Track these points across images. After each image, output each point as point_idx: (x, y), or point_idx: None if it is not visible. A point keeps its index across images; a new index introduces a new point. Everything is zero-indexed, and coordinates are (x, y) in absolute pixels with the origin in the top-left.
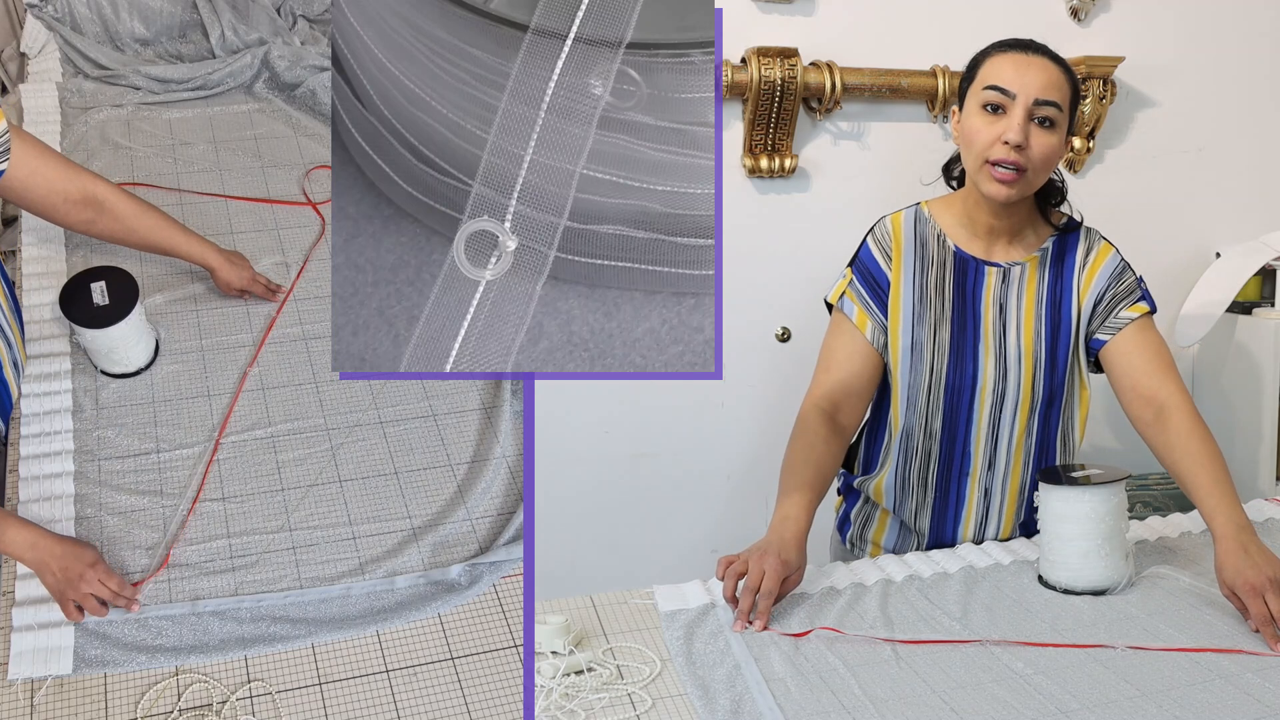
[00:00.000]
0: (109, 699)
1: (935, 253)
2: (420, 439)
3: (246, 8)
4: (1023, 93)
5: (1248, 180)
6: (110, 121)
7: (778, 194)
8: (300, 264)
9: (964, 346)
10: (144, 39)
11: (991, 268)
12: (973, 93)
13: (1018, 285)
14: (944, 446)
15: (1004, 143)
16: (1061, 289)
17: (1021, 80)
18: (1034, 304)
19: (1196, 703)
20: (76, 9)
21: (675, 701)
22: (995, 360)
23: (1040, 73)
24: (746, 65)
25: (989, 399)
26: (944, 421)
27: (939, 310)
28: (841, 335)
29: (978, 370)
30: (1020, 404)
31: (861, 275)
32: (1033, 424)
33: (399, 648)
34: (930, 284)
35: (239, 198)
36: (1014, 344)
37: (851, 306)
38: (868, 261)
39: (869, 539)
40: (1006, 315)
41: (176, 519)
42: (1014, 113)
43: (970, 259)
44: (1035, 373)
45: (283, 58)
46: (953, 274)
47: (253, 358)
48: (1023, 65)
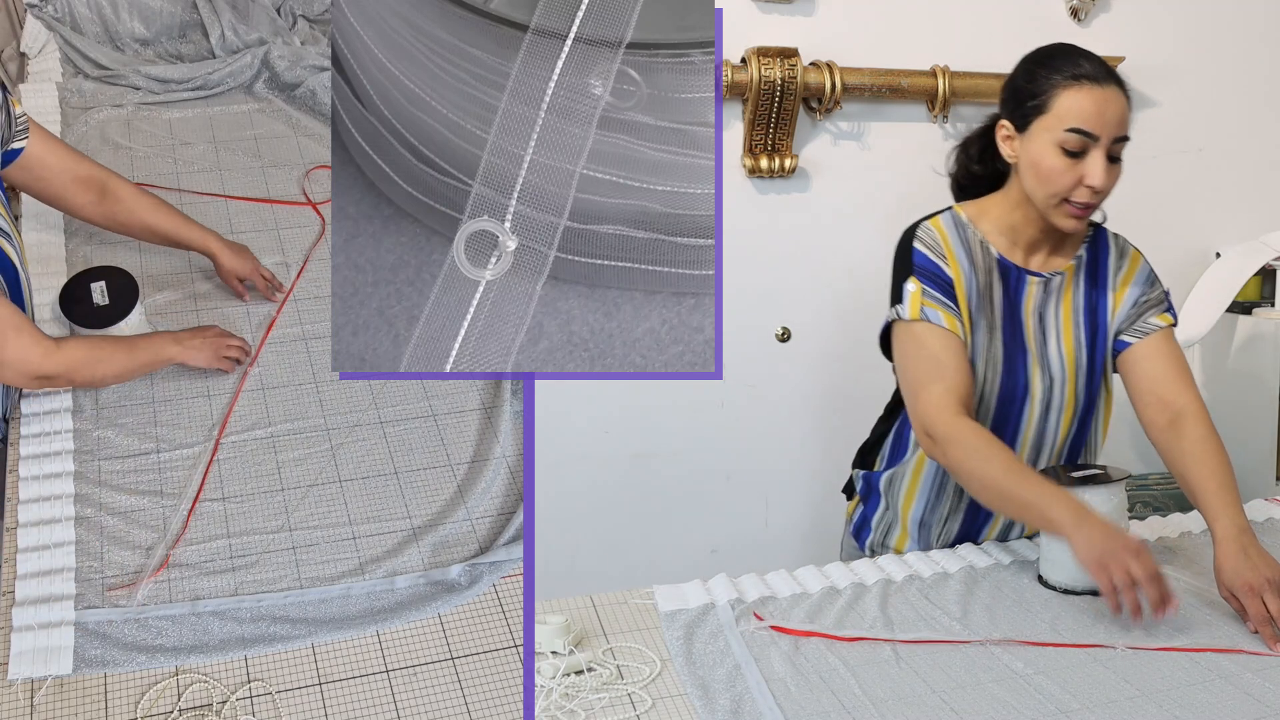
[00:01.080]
0: (109, 699)
1: (981, 260)
2: (420, 439)
3: (246, 8)
4: (1105, 134)
5: (1248, 180)
6: (110, 121)
7: (778, 194)
8: (300, 264)
9: (1015, 357)
10: (144, 39)
11: (1033, 277)
12: (1046, 127)
13: (1056, 295)
14: None
15: (1087, 186)
16: (1098, 297)
17: (1103, 121)
18: (1071, 312)
19: (1196, 703)
20: (76, 9)
21: (675, 701)
22: (1042, 372)
23: (1116, 107)
24: (746, 65)
25: (1038, 409)
26: (992, 429)
27: (991, 318)
28: (941, 342)
29: (1028, 381)
30: (1065, 412)
31: (929, 280)
32: (1073, 429)
33: (399, 648)
34: (981, 291)
35: (239, 198)
36: (1055, 353)
37: (938, 314)
38: (928, 266)
39: (891, 546)
40: (1046, 324)
41: (176, 519)
42: (1096, 156)
43: (1013, 267)
44: (1078, 380)
45: (283, 58)
46: (999, 281)
47: (253, 358)
48: (1101, 102)
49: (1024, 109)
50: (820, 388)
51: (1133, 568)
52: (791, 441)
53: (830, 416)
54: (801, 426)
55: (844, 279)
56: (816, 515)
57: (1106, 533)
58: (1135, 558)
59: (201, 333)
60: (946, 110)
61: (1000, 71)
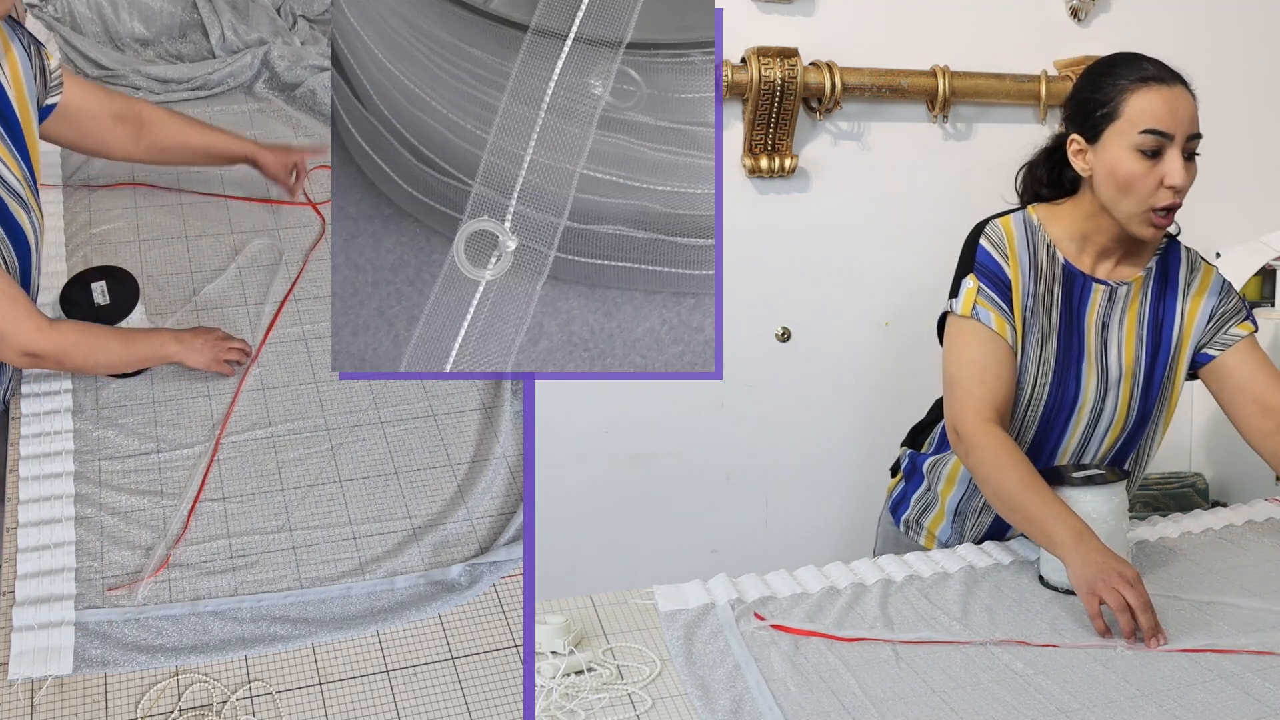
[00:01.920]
0: (109, 699)
1: (1046, 264)
2: (420, 439)
3: (246, 8)
4: (1179, 132)
5: (1248, 180)
6: None
7: (778, 194)
8: (300, 264)
9: (1068, 365)
10: (144, 39)
11: (1099, 285)
12: (1120, 133)
13: (1122, 304)
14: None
15: (1168, 187)
16: (1165, 310)
17: (1175, 119)
18: (1135, 324)
19: (1196, 703)
20: (76, 9)
21: (675, 701)
22: (1097, 383)
23: (1186, 105)
24: (746, 65)
25: (1086, 417)
26: (1036, 436)
27: (1046, 324)
28: (986, 345)
29: (1080, 390)
30: (1114, 424)
31: (988, 280)
32: (1121, 439)
33: (399, 648)
34: (1041, 294)
35: (239, 198)
36: (1115, 364)
37: (989, 315)
38: (989, 264)
39: (925, 526)
40: (1108, 334)
41: (177, 519)
42: (1173, 155)
43: (1078, 274)
44: (1133, 393)
45: (283, 58)
46: (1061, 288)
47: (253, 358)
48: (1172, 102)
49: (1094, 119)
50: (820, 387)
51: (1126, 594)
52: (791, 441)
53: (830, 416)
54: (801, 426)
55: (844, 279)
56: (817, 515)
57: (1104, 558)
58: (1129, 586)
59: (203, 333)
60: (946, 110)
61: (1000, 71)
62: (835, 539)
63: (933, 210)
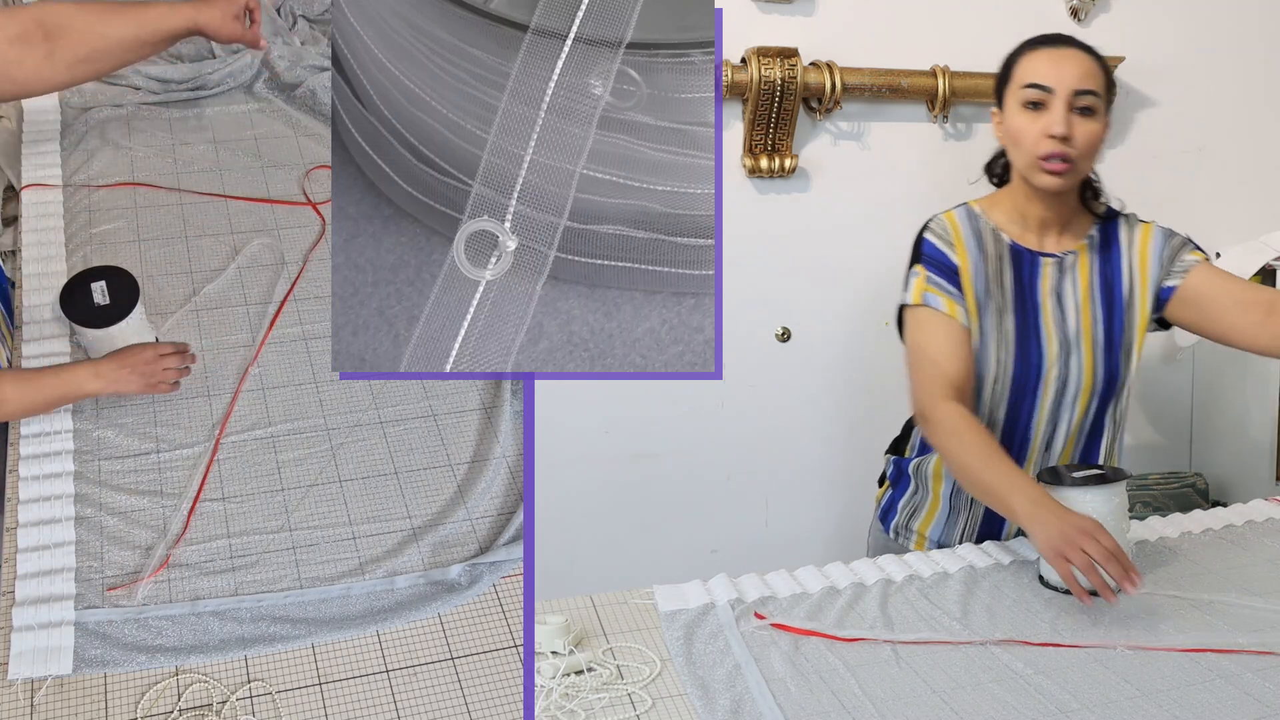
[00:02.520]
0: (109, 699)
1: (992, 247)
2: (420, 439)
3: None
4: (1061, 86)
5: (1248, 180)
6: (110, 121)
7: (778, 194)
8: (300, 264)
9: (1027, 335)
10: None
11: (1047, 259)
12: (1011, 92)
13: (1072, 273)
14: (1005, 434)
15: (1050, 136)
16: (1112, 271)
17: (1058, 74)
18: (1088, 289)
19: (1196, 703)
20: None
21: (675, 701)
22: (1059, 349)
23: (1075, 64)
24: (746, 65)
25: (1053, 386)
26: (1008, 411)
27: (1001, 301)
28: (938, 327)
29: (1042, 360)
30: (1082, 389)
31: (935, 268)
32: (1091, 406)
33: (399, 648)
34: (991, 275)
35: (239, 198)
36: (1074, 331)
37: (938, 299)
38: (934, 254)
39: (914, 529)
40: (1064, 302)
41: (176, 519)
42: (1055, 107)
43: (1025, 251)
44: (1095, 356)
45: (283, 58)
46: (1010, 266)
47: (253, 358)
48: (1057, 59)
49: (999, 88)
50: (820, 388)
51: (1090, 549)
52: (791, 441)
53: (830, 416)
54: (801, 426)
55: (844, 279)
56: (817, 515)
57: (1061, 519)
58: (1091, 540)
59: (125, 358)
60: (946, 110)
61: None
62: (835, 539)
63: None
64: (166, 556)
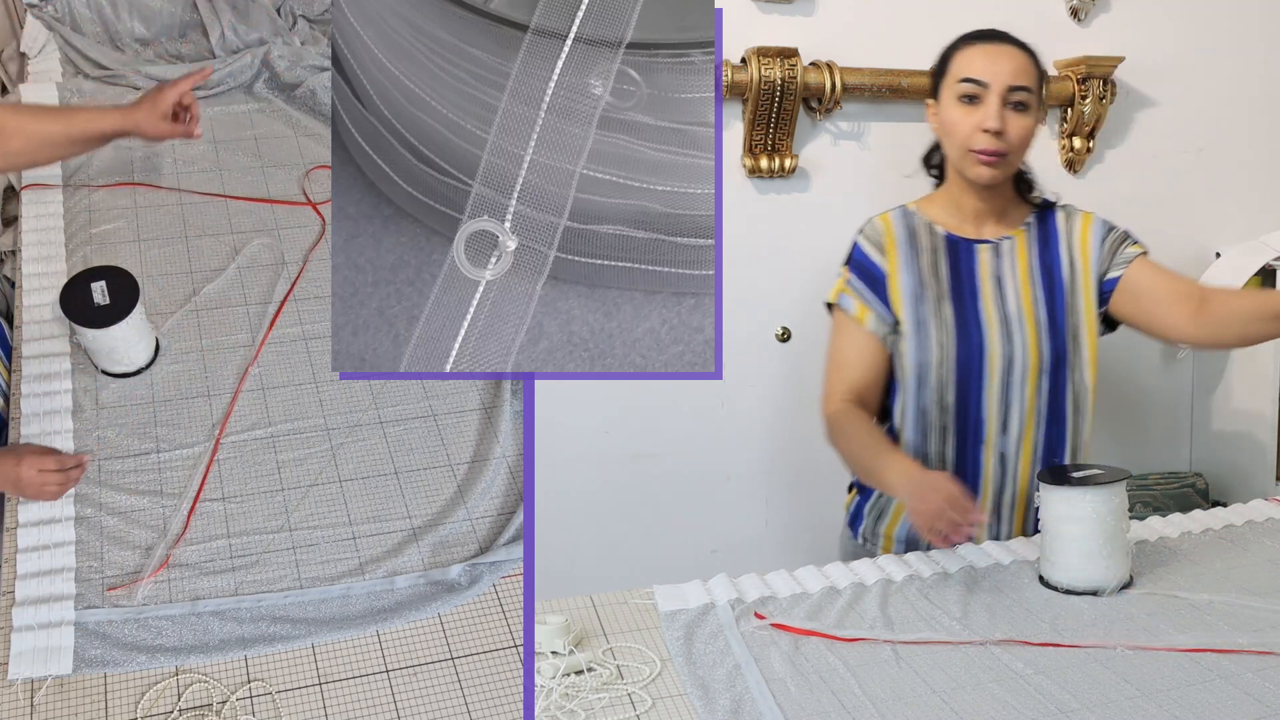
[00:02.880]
0: (109, 699)
1: (926, 240)
2: (420, 439)
3: (246, 8)
4: (995, 81)
5: (1248, 180)
6: None
7: (778, 194)
8: (300, 264)
9: (967, 320)
10: (144, 39)
11: (983, 245)
12: (947, 85)
13: (1010, 257)
14: (957, 419)
15: (984, 130)
16: (1050, 256)
17: (993, 69)
18: (1027, 271)
19: (1196, 703)
20: (76, 9)
21: (675, 701)
22: (1000, 329)
23: (1009, 60)
24: (746, 65)
25: (999, 366)
26: (957, 394)
27: (937, 290)
28: (847, 334)
29: (983, 339)
30: (1029, 367)
31: (857, 271)
32: (1043, 385)
33: (399, 648)
34: (925, 267)
35: (239, 198)
36: (1015, 310)
37: (851, 301)
38: (860, 258)
39: (881, 533)
40: (1004, 286)
41: (177, 519)
42: (989, 101)
43: (961, 240)
44: (1039, 335)
45: (283, 58)
46: (946, 256)
47: (253, 358)
48: (992, 55)
49: (935, 82)
50: (820, 388)
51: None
52: (791, 441)
53: None
54: (801, 426)
55: None
56: (816, 515)
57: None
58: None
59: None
60: None
61: None
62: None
63: None
64: (166, 556)
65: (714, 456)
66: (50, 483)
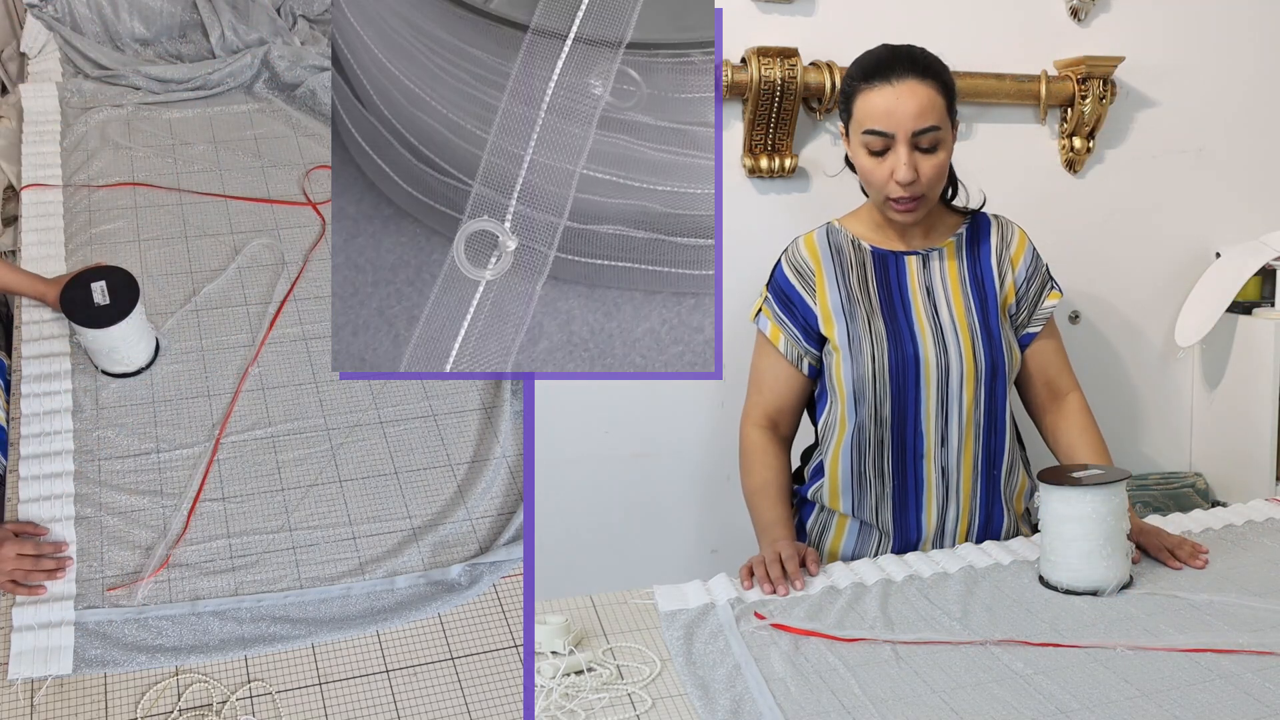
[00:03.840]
0: (109, 699)
1: (852, 256)
2: (420, 439)
3: (246, 8)
4: (900, 130)
5: (1248, 180)
6: (110, 121)
7: (778, 194)
8: (300, 264)
9: (900, 331)
10: (144, 39)
11: (911, 256)
12: (853, 130)
13: (939, 267)
14: (895, 432)
15: (896, 182)
16: (981, 270)
17: (896, 118)
18: (958, 282)
19: (1196, 703)
20: (76, 9)
21: (675, 701)
22: (933, 338)
23: (910, 100)
24: (746, 65)
25: (934, 375)
26: (893, 407)
27: (868, 306)
28: (765, 354)
29: (918, 350)
30: (965, 377)
31: (775, 294)
32: (980, 395)
33: (399, 648)
34: (854, 284)
35: (239, 198)
36: (948, 320)
37: (766, 322)
38: (780, 281)
39: (826, 549)
40: (935, 296)
41: (177, 519)
42: (898, 151)
43: (888, 253)
44: (974, 344)
45: (283, 58)
46: (874, 271)
47: (253, 358)
48: (891, 100)
49: (842, 117)
50: None
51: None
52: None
53: None
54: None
55: None
56: None
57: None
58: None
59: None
60: None
61: (1000, 71)
62: None
63: None
64: (166, 556)
65: (714, 456)
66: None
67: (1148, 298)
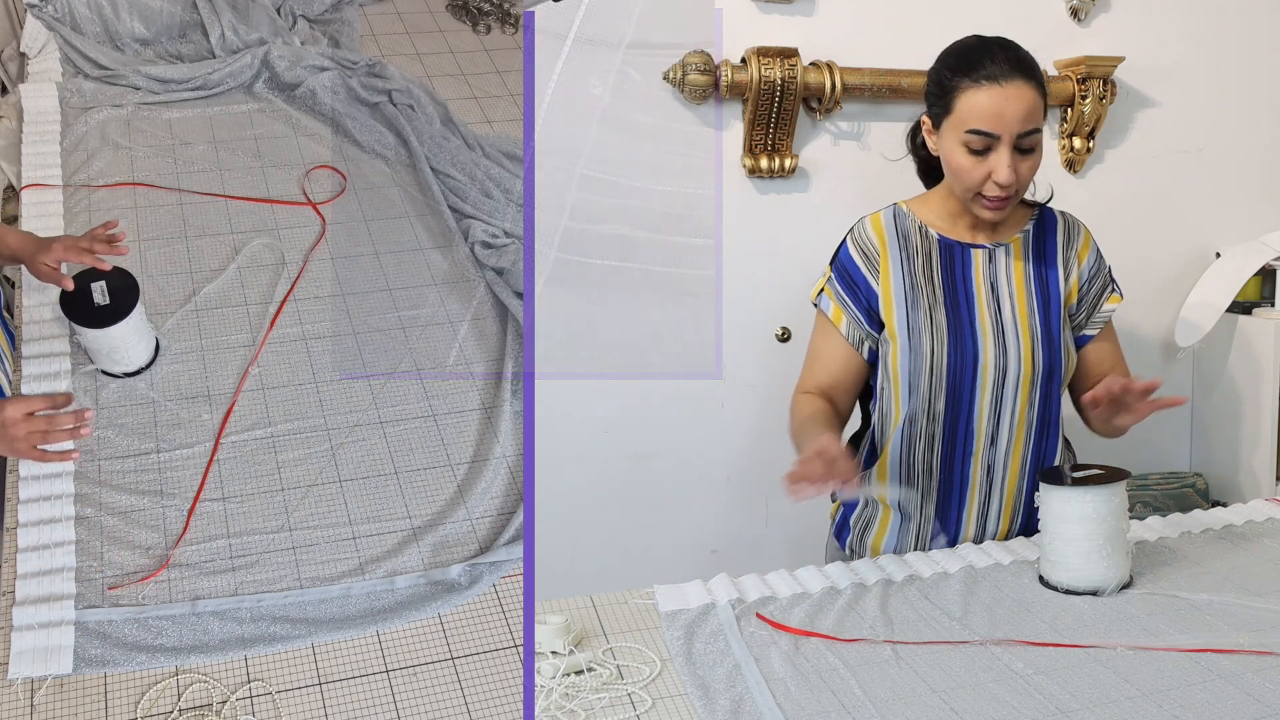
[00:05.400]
0: (109, 699)
1: (919, 243)
2: (420, 439)
3: (246, 8)
4: (1006, 131)
5: (1248, 180)
6: (110, 121)
7: (778, 194)
8: (300, 264)
9: (960, 327)
10: (144, 39)
11: (977, 250)
12: (952, 127)
13: (1005, 264)
14: (947, 428)
15: (995, 183)
16: (1046, 267)
17: (1004, 120)
18: (1023, 280)
19: (1196, 703)
20: (76, 9)
21: (675, 701)
22: (994, 337)
23: (1019, 104)
24: (746, 65)
25: (991, 375)
26: (947, 402)
27: (931, 295)
28: (824, 333)
29: (978, 348)
30: (1022, 378)
31: (839, 274)
32: (1034, 397)
33: (399, 648)
34: (919, 271)
35: (239, 198)
36: (1010, 319)
37: (828, 303)
38: (845, 261)
39: (868, 544)
40: (999, 293)
41: (177, 519)
42: (1001, 153)
43: (955, 244)
44: (1034, 345)
45: (283, 58)
46: (939, 260)
47: (253, 358)
48: (1001, 101)
49: (935, 109)
50: None
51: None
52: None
53: None
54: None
55: None
56: (816, 516)
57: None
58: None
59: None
60: None
61: None
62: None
63: None
64: (167, 556)
65: (714, 456)
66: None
67: (1148, 298)
